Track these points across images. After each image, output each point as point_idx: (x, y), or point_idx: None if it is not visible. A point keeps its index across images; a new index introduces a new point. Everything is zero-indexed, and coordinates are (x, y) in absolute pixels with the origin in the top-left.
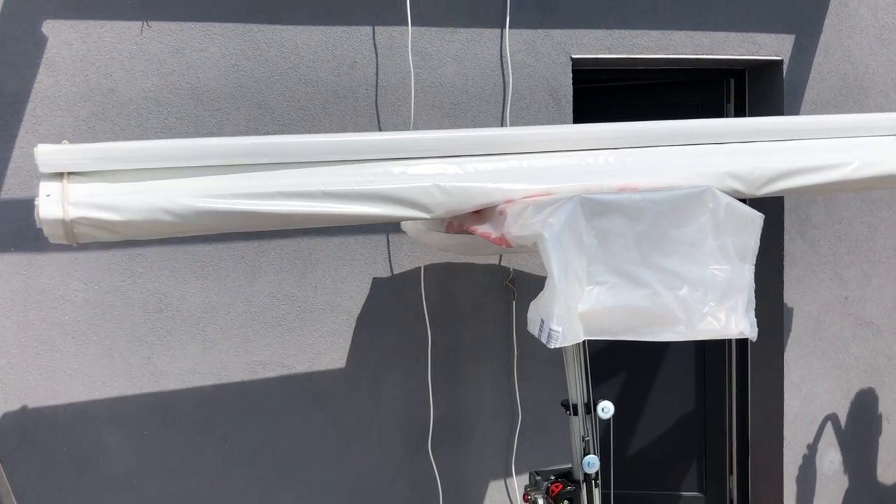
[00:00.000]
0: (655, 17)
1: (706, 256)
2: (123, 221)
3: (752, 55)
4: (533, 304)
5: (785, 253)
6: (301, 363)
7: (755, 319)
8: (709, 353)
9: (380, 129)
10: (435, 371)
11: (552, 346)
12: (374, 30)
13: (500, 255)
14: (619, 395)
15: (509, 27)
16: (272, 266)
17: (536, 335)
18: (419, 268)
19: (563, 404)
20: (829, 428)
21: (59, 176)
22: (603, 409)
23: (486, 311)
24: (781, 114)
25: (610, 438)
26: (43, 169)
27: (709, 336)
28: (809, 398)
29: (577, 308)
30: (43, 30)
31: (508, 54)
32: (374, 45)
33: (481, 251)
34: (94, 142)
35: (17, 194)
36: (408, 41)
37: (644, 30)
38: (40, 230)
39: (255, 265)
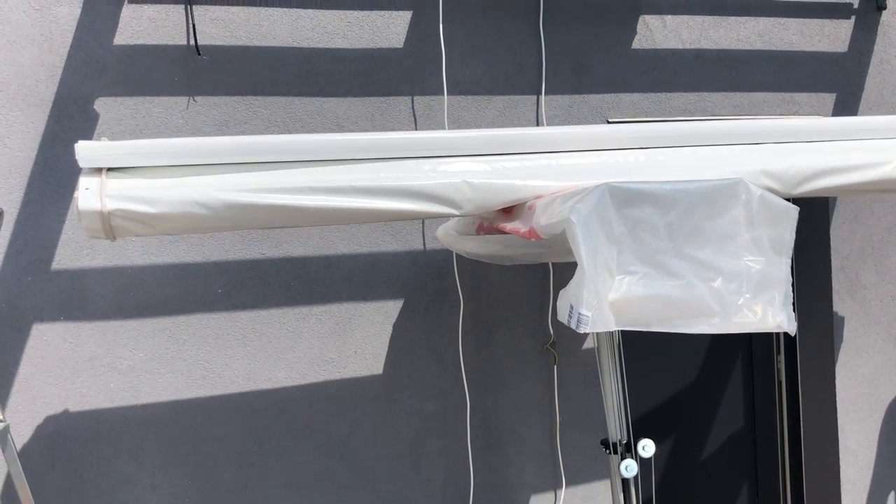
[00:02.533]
0: (692, 79)
1: (740, 248)
2: (158, 214)
3: (792, 114)
4: (562, 293)
5: (835, 313)
6: (341, 430)
7: (793, 314)
8: (759, 421)
9: None
10: (475, 438)
11: (581, 330)
12: (412, 99)
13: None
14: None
15: (545, 93)
16: (313, 332)
17: (566, 322)
18: (457, 332)
19: (602, 443)
20: (891, 500)
21: (98, 171)
22: (644, 448)
23: (526, 376)
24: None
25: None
26: (83, 164)
27: (745, 329)
28: (868, 465)
29: (608, 296)
30: (95, 107)
31: (545, 120)
32: (413, 114)
33: (515, 259)
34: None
35: (66, 265)
36: (444, 109)
37: (681, 92)
38: (88, 299)
39: (296, 331)
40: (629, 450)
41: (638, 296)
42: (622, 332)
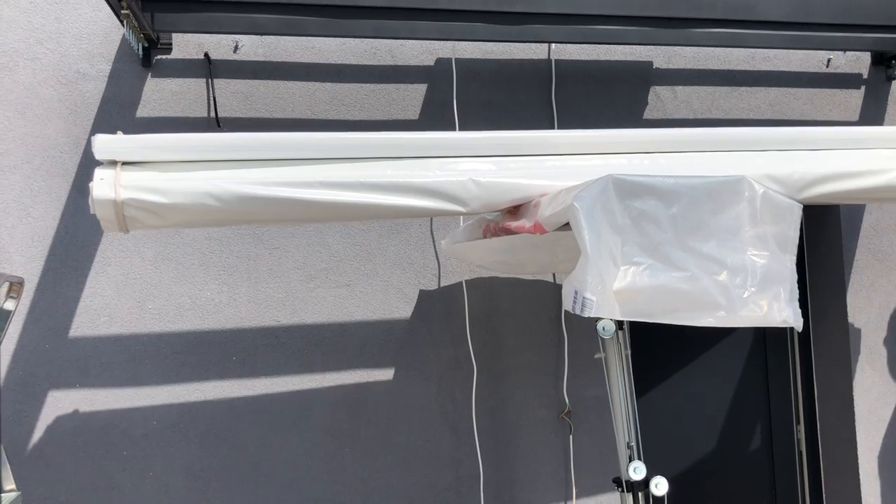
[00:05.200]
0: None
1: (744, 243)
2: (170, 204)
3: None
4: (566, 280)
5: (855, 382)
6: (354, 500)
7: (799, 310)
8: (779, 488)
9: (437, 259)
10: None
11: (586, 314)
12: None
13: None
14: None
15: None
16: (326, 400)
17: (570, 308)
18: (471, 400)
19: (614, 481)
20: None
21: (114, 164)
22: (657, 486)
23: (541, 446)
24: (839, 241)
25: None
26: (99, 156)
27: (751, 323)
28: None
29: (613, 285)
30: None
31: None
32: None
33: (522, 267)
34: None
35: (84, 332)
36: None
37: None
38: (104, 366)
39: (309, 399)
40: (645, 485)
41: (643, 286)
42: (633, 374)
